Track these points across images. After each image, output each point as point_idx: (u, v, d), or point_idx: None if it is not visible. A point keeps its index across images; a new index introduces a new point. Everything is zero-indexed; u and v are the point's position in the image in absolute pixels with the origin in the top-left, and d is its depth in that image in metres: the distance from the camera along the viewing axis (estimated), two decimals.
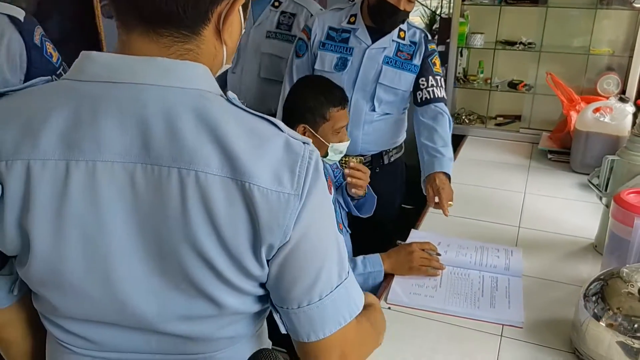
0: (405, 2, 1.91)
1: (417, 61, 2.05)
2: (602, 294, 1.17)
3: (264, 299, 0.81)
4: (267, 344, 0.95)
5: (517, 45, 2.82)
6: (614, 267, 1.24)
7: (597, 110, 2.32)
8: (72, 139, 0.66)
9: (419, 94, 2.06)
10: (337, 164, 1.85)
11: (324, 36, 2.07)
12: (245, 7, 0.78)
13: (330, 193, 0.74)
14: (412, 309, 1.40)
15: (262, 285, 0.78)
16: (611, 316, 1.13)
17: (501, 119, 3.02)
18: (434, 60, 2.07)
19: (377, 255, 1.57)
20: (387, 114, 2.10)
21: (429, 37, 2.10)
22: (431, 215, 1.93)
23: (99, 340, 0.79)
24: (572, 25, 2.76)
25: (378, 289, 1.52)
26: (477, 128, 2.93)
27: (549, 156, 2.52)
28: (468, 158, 2.23)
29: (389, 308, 1.41)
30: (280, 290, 0.76)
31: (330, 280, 0.78)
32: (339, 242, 0.80)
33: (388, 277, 1.56)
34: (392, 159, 2.21)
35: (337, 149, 1.67)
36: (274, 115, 1.63)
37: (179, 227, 0.68)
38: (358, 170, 1.70)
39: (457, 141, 2.73)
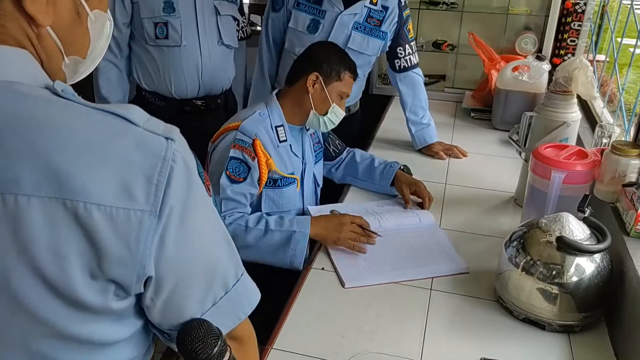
0: None
1: (385, 27, 2.07)
2: (522, 244, 1.23)
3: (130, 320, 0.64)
4: None
5: (441, 5, 2.85)
6: (533, 218, 1.30)
7: (515, 69, 2.40)
8: None
9: (397, 62, 2.16)
10: (319, 138, 1.83)
11: None
12: None
13: (210, 195, 0.63)
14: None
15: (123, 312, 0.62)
16: (531, 265, 1.19)
17: (427, 78, 3.04)
18: (408, 27, 2.13)
19: (308, 217, 1.55)
20: None
21: (403, 3, 2.09)
22: None
23: None
24: None
25: (297, 256, 1.49)
26: None
27: (472, 114, 2.60)
28: (395, 118, 2.26)
29: (323, 268, 1.42)
30: (170, 318, 0.64)
31: (226, 282, 0.67)
32: (228, 240, 0.67)
33: (315, 243, 1.54)
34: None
35: (336, 114, 1.66)
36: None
37: None
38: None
39: (385, 102, 2.76)
